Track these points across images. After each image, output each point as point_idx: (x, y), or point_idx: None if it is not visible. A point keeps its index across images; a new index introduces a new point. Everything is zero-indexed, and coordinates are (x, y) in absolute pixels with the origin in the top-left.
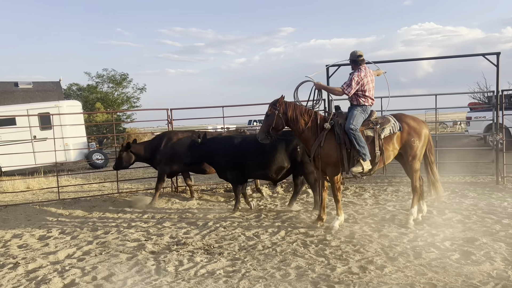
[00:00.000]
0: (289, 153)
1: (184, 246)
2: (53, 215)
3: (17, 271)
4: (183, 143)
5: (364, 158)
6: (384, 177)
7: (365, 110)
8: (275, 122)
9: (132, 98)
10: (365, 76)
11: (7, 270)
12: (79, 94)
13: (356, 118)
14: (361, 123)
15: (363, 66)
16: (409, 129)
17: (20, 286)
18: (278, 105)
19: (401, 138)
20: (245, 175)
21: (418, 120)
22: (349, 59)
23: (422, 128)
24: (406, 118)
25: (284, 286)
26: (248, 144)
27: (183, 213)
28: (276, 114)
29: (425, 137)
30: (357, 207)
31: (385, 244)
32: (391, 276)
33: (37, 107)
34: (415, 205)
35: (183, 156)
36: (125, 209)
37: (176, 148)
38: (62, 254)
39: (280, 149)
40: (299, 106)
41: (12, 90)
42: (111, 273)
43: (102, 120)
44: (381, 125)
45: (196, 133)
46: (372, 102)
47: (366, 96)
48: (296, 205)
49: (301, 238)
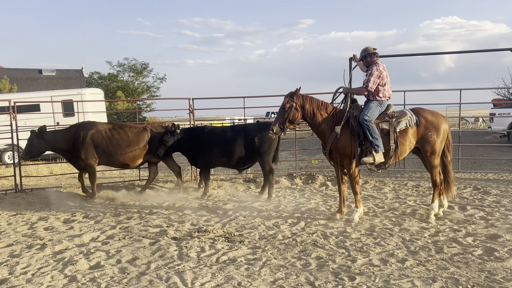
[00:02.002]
0: (248, 144)
1: (205, 234)
2: (76, 200)
3: (45, 252)
4: (118, 136)
5: (376, 149)
6: (404, 172)
7: (381, 104)
8: (292, 115)
9: (152, 88)
10: (383, 69)
11: (35, 251)
12: (100, 83)
13: (371, 110)
14: (377, 116)
15: (379, 60)
16: (427, 123)
17: (48, 266)
18: (296, 97)
19: (418, 132)
20: (213, 163)
21: (437, 114)
22: (362, 56)
23: (441, 122)
24: (424, 112)
25: (305, 275)
26: (214, 135)
27: (203, 202)
28: (293, 107)
29: (444, 132)
30: (377, 200)
31: (406, 238)
32: (412, 270)
33: (61, 94)
34: (436, 200)
35: (120, 150)
36: (146, 197)
37: (106, 141)
38: (86, 237)
39: (240, 140)
40: (316, 100)
41: (36, 77)
42: (135, 257)
43: (123, 108)
44: (397, 119)
45: (117, 125)
46: (389, 96)
47: (384, 90)
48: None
49: (321, 230)
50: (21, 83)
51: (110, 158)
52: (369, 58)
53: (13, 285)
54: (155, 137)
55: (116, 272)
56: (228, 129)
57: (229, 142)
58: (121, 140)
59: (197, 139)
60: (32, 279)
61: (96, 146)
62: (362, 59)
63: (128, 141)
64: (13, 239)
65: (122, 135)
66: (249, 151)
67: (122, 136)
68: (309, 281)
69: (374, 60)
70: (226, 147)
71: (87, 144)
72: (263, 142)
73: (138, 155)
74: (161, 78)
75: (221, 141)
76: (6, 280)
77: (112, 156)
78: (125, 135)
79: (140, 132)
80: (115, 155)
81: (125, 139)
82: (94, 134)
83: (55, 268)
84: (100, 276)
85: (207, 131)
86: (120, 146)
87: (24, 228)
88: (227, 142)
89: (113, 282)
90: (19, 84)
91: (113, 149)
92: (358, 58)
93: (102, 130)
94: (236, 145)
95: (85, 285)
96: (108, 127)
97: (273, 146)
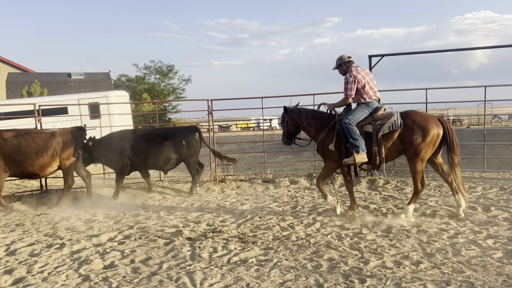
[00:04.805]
0: (175, 147)
1: (219, 234)
2: (99, 200)
3: (63, 251)
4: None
5: (357, 150)
6: (428, 172)
7: (368, 106)
8: (288, 129)
9: (177, 89)
10: (357, 73)
11: (54, 250)
12: (128, 85)
13: (354, 113)
14: (361, 118)
15: (352, 67)
16: (413, 126)
17: (64, 265)
18: (287, 113)
19: (403, 135)
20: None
21: (429, 118)
22: (337, 64)
23: (430, 127)
24: (413, 115)
25: (315, 277)
26: (138, 140)
27: (221, 202)
28: (286, 122)
29: (433, 136)
30: (397, 201)
31: (423, 240)
32: (426, 272)
33: (88, 97)
34: (412, 204)
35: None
36: (166, 196)
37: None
38: (104, 237)
39: (166, 144)
40: (305, 110)
41: (65, 81)
42: (148, 256)
43: (149, 110)
44: (381, 122)
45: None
46: (376, 97)
47: (367, 92)
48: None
49: (336, 231)
50: (51, 86)
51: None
52: (345, 66)
53: (29, 283)
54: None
55: (129, 272)
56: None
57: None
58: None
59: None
60: (48, 278)
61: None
62: (337, 68)
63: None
64: (35, 238)
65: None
66: (177, 154)
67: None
68: (318, 283)
69: (349, 67)
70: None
71: None
72: (189, 145)
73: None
74: (186, 80)
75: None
76: (23, 278)
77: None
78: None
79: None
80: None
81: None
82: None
83: (71, 267)
84: (112, 275)
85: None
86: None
87: (47, 227)
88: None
89: (124, 281)
90: (49, 87)
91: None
92: (334, 67)
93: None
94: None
95: (97, 285)
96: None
97: (198, 149)
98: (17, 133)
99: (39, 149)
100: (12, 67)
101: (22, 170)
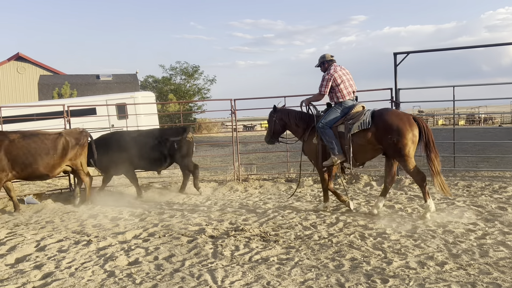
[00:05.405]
0: (168, 148)
1: (241, 232)
2: (125, 198)
3: (89, 248)
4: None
5: (333, 151)
6: (456, 171)
7: (341, 106)
8: (274, 128)
9: (202, 90)
10: (334, 72)
11: (81, 247)
12: (154, 86)
13: (327, 116)
14: (335, 120)
15: (332, 65)
16: (385, 126)
17: (90, 261)
18: (275, 112)
19: (376, 135)
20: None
21: (403, 117)
22: (320, 62)
23: (403, 126)
24: (385, 115)
25: (336, 276)
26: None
27: (244, 201)
28: (273, 121)
29: (409, 135)
30: (422, 201)
31: (449, 240)
32: (451, 273)
33: (115, 98)
34: (429, 198)
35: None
36: (190, 195)
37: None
38: (129, 234)
39: (159, 145)
40: (293, 112)
41: (94, 82)
42: (171, 254)
43: (174, 110)
44: (352, 121)
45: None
46: (351, 97)
47: (341, 91)
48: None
49: (359, 231)
50: (80, 88)
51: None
52: (326, 64)
53: (57, 278)
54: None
55: (152, 268)
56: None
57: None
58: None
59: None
60: (75, 273)
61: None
62: (320, 65)
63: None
64: (64, 235)
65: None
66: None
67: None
68: (339, 283)
69: (330, 65)
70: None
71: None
72: (181, 145)
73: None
74: (211, 80)
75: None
76: (52, 273)
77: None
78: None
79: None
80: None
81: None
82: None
83: (97, 263)
84: (136, 272)
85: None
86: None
87: (75, 225)
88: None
89: (147, 278)
90: (78, 89)
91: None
92: (316, 64)
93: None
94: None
95: (121, 280)
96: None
97: (191, 149)
98: (24, 135)
99: (48, 150)
100: (44, 70)
101: (32, 171)
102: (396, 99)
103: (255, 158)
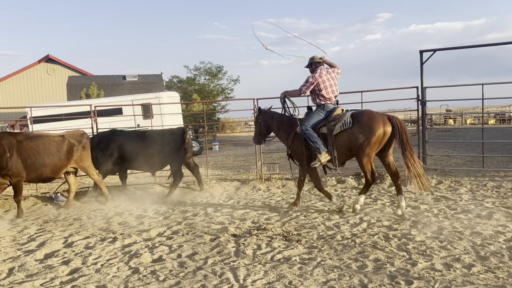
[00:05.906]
0: (160, 149)
1: (264, 231)
2: (150, 197)
3: (115, 245)
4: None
5: (319, 151)
6: (485, 171)
7: (323, 109)
8: (260, 129)
9: (226, 90)
10: (319, 76)
11: (107, 243)
12: (179, 86)
13: (309, 119)
14: (317, 122)
15: (319, 68)
16: (359, 125)
17: (116, 258)
18: (261, 114)
19: (350, 134)
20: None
21: (375, 117)
22: (309, 63)
23: (376, 126)
24: (362, 115)
25: (359, 277)
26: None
27: (266, 200)
28: (259, 123)
29: (379, 135)
30: (449, 202)
31: (476, 242)
32: (479, 276)
33: (141, 98)
34: (363, 194)
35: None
36: (213, 194)
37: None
38: (154, 232)
39: (155, 146)
40: (278, 115)
41: (120, 83)
42: (194, 252)
43: (198, 110)
44: (334, 122)
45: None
46: (333, 100)
47: (323, 95)
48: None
49: (384, 231)
50: (107, 88)
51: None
52: (314, 65)
53: (84, 273)
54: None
55: (175, 266)
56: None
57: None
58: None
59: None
60: (101, 269)
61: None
62: (308, 66)
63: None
64: (90, 232)
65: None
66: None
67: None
68: (362, 283)
69: (317, 68)
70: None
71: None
72: (175, 147)
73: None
74: (234, 80)
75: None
76: (78, 269)
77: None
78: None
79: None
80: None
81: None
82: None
83: (122, 260)
84: (160, 269)
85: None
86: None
87: (101, 222)
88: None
89: (170, 275)
90: (105, 89)
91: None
92: (305, 65)
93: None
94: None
95: (145, 277)
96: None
97: (184, 151)
98: (29, 136)
99: (56, 152)
100: (72, 71)
101: (41, 173)
102: (422, 97)
103: (278, 158)
